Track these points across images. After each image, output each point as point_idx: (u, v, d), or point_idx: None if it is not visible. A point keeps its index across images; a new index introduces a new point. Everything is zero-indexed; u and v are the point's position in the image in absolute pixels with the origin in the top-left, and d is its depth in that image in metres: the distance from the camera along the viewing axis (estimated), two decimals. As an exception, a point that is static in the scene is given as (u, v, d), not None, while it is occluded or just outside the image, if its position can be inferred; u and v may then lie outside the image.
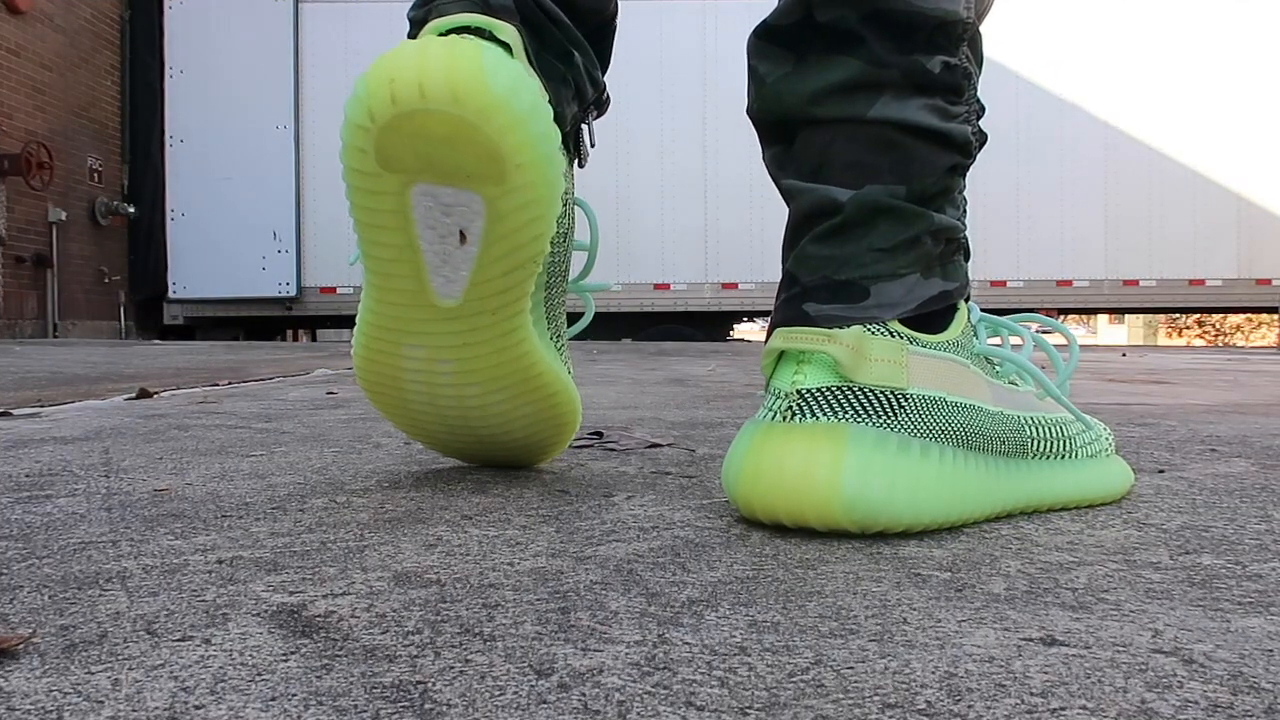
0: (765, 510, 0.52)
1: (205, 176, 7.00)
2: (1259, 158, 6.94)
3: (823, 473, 0.50)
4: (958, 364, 0.56)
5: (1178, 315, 14.46)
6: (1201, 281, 7.08)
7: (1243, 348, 9.19)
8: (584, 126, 0.67)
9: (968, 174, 0.60)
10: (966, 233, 0.60)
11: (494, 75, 0.50)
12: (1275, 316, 8.07)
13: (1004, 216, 6.87)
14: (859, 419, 0.52)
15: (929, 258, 0.56)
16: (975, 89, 0.59)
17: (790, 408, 0.53)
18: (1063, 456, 0.61)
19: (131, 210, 7.11)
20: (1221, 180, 6.98)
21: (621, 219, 6.76)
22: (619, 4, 0.69)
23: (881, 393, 0.52)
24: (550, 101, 0.56)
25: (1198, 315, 14.09)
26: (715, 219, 7.04)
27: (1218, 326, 14.94)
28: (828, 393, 0.52)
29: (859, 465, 0.50)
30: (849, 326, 0.53)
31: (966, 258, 0.60)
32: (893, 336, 0.54)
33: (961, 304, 0.59)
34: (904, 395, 0.53)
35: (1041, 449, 0.59)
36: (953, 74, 0.56)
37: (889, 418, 0.52)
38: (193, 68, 7.04)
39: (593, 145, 0.68)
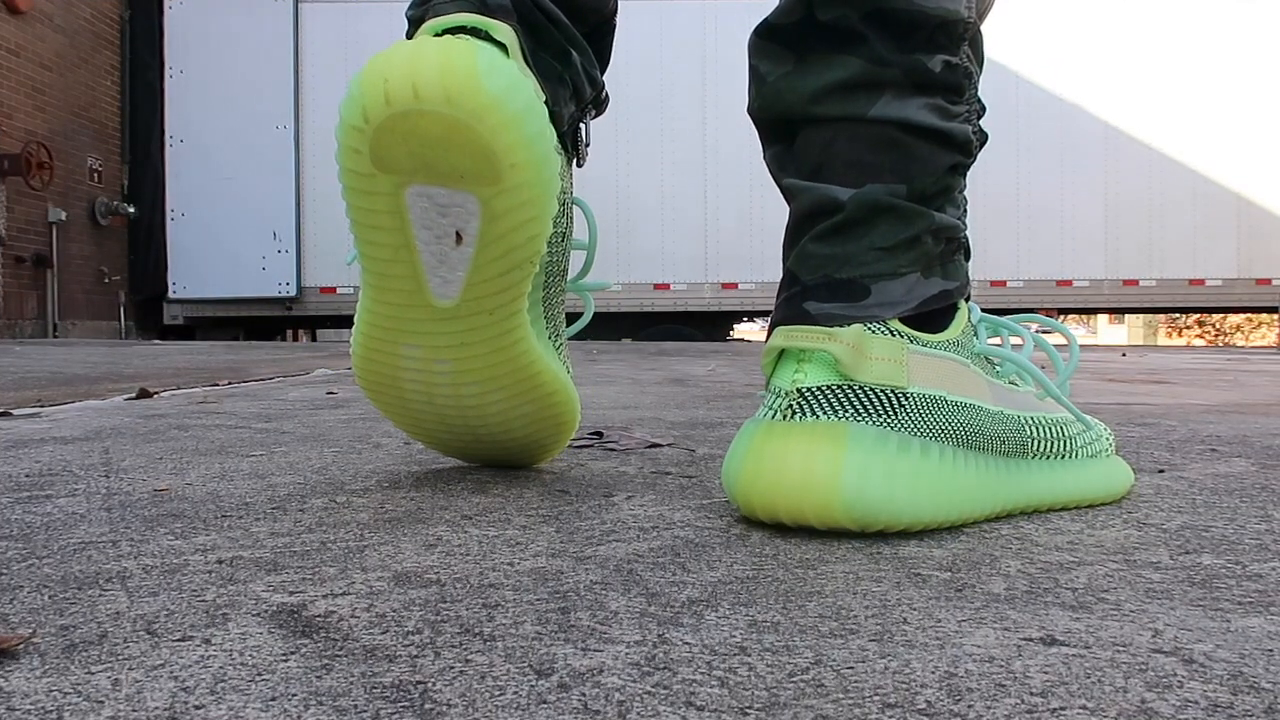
0: (765, 509, 0.52)
1: (205, 176, 7.00)
2: (1259, 158, 6.94)
3: (823, 471, 0.50)
4: (958, 363, 0.56)
5: (1178, 315, 14.46)
6: (1201, 281, 7.08)
7: (1243, 348, 9.19)
8: (582, 126, 0.66)
9: (968, 173, 0.60)
10: (967, 232, 0.60)
11: (488, 75, 0.50)
12: (1275, 316, 8.08)
13: (1004, 216, 6.87)
14: (859, 418, 0.52)
15: (929, 257, 0.56)
16: (976, 88, 0.59)
17: (791, 406, 0.53)
18: (1063, 456, 0.61)
19: (131, 210, 7.11)
20: (1221, 180, 6.98)
21: (621, 219, 6.76)
22: (619, 3, 0.68)
23: (882, 391, 0.52)
24: (546, 101, 0.56)
25: (1198, 315, 14.10)
26: (715, 219, 7.04)
27: (1218, 326, 14.95)
28: (828, 391, 0.52)
29: (859, 464, 0.50)
30: (849, 325, 0.53)
31: (967, 257, 0.60)
32: (893, 335, 0.54)
33: (962, 304, 0.59)
34: (904, 394, 0.53)
35: (1041, 449, 0.59)
36: (954, 73, 0.56)
37: (889, 416, 0.52)
38: (193, 68, 7.04)
39: (588, 144, 0.68)
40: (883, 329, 0.54)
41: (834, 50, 0.56)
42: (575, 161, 0.67)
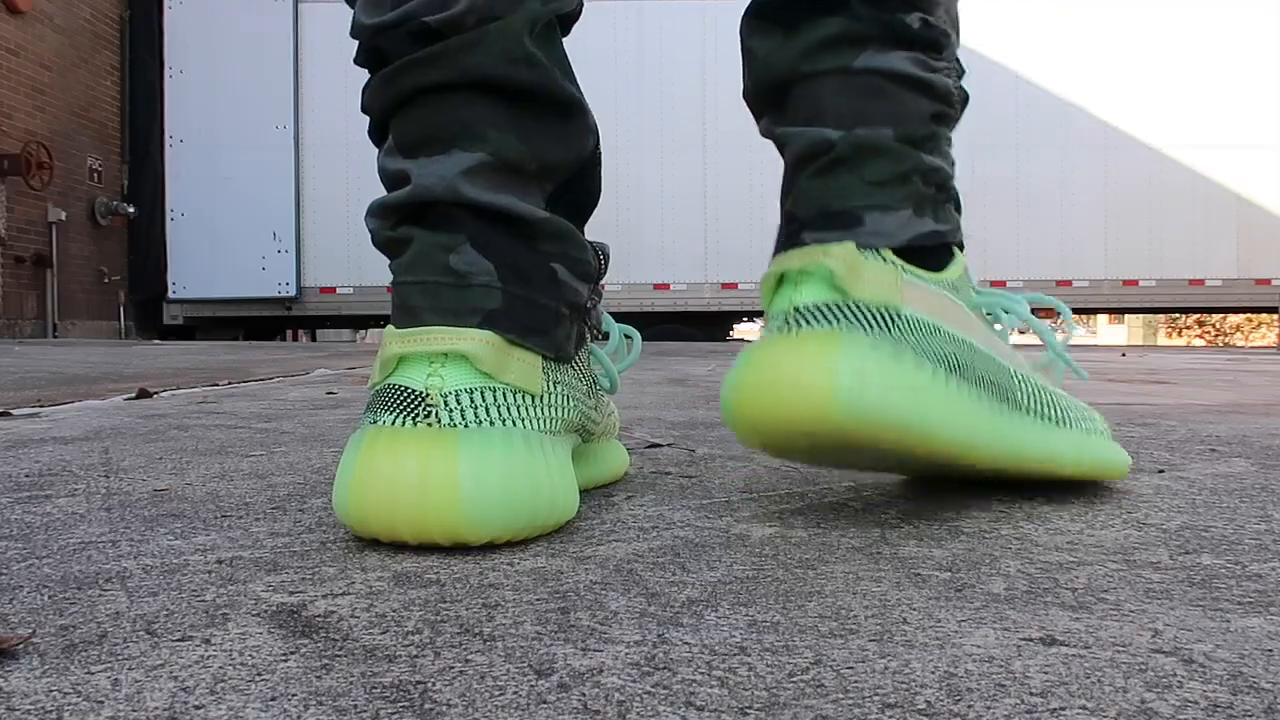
0: (766, 419, 0.52)
1: (205, 176, 7.01)
2: (1259, 158, 6.94)
3: (819, 373, 0.50)
4: (952, 301, 0.57)
5: (1178, 315, 14.46)
6: (1201, 281, 7.08)
7: (1243, 347, 9.19)
8: (590, 317, 0.63)
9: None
10: (955, 184, 0.62)
11: (482, 510, 0.47)
12: (1275, 316, 8.08)
13: (1004, 216, 6.87)
14: (852, 329, 0.52)
15: (920, 196, 0.58)
16: (954, 50, 0.61)
17: (787, 322, 0.54)
18: (1058, 423, 0.61)
19: (131, 210, 7.11)
20: (1221, 180, 6.98)
21: (621, 218, 6.76)
22: (601, 131, 0.62)
23: (876, 308, 0.53)
24: (550, 356, 0.55)
25: (1198, 315, 14.10)
26: (715, 219, 7.04)
27: (1217, 326, 14.95)
28: (823, 307, 0.53)
29: (854, 364, 0.50)
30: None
31: (958, 209, 0.62)
32: (886, 262, 0.55)
33: (958, 252, 0.61)
34: (898, 312, 0.54)
35: (1033, 407, 0.60)
36: (931, 31, 0.59)
37: (884, 331, 0.53)
38: (193, 68, 7.04)
39: (601, 311, 0.65)
40: (876, 256, 0.55)
41: (819, 14, 0.58)
42: (595, 339, 0.64)
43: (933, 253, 0.58)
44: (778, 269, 0.56)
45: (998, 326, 0.62)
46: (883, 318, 0.53)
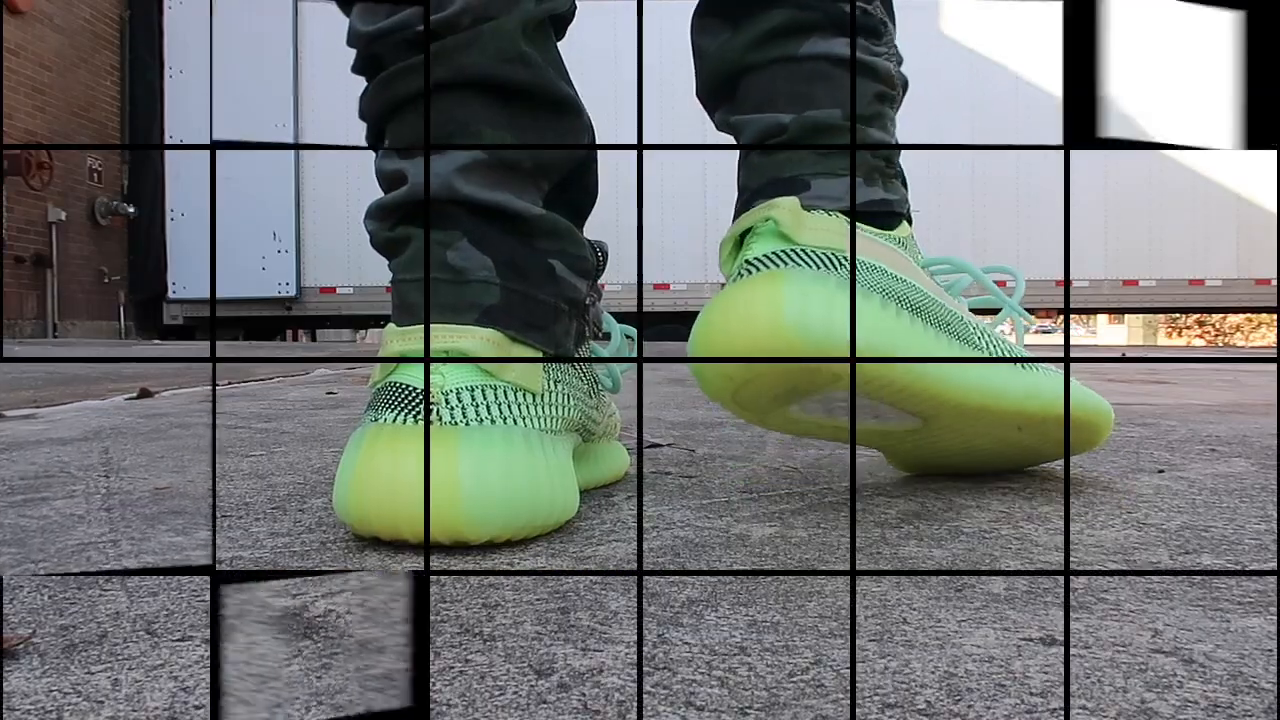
0: (728, 347, 0.53)
1: (205, 176, 7.01)
2: (1259, 158, 6.94)
3: (767, 307, 0.51)
4: (901, 254, 0.59)
5: (1178, 315, 14.46)
6: (1201, 281, 7.07)
7: (1242, 347, 9.18)
8: (590, 312, 0.62)
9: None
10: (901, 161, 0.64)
11: (482, 509, 0.47)
12: (1275, 316, 8.07)
13: (1003, 216, 6.87)
14: (798, 267, 0.53)
15: (869, 167, 0.61)
16: (892, 38, 0.63)
17: (740, 274, 0.55)
18: (1023, 367, 0.61)
19: (131, 210, 7.11)
20: (1221, 180, 6.98)
21: (621, 218, 6.76)
22: (595, 135, 0.63)
23: (822, 252, 0.54)
24: (546, 350, 0.55)
25: (1198, 315, 14.10)
26: (715, 219, 7.04)
27: (1217, 326, 14.95)
28: (771, 255, 0.54)
29: (798, 293, 0.51)
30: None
31: (905, 187, 0.64)
32: (831, 215, 0.56)
33: (905, 222, 0.62)
34: (843, 256, 0.54)
35: (993, 353, 0.61)
36: (869, 19, 0.61)
37: (830, 270, 0.53)
38: (193, 68, 7.04)
39: (601, 306, 0.65)
40: (822, 212, 0.56)
41: (762, 8, 0.60)
42: (595, 339, 0.64)
43: (881, 218, 0.61)
44: (732, 233, 0.57)
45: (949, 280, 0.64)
46: (828, 260, 0.54)
